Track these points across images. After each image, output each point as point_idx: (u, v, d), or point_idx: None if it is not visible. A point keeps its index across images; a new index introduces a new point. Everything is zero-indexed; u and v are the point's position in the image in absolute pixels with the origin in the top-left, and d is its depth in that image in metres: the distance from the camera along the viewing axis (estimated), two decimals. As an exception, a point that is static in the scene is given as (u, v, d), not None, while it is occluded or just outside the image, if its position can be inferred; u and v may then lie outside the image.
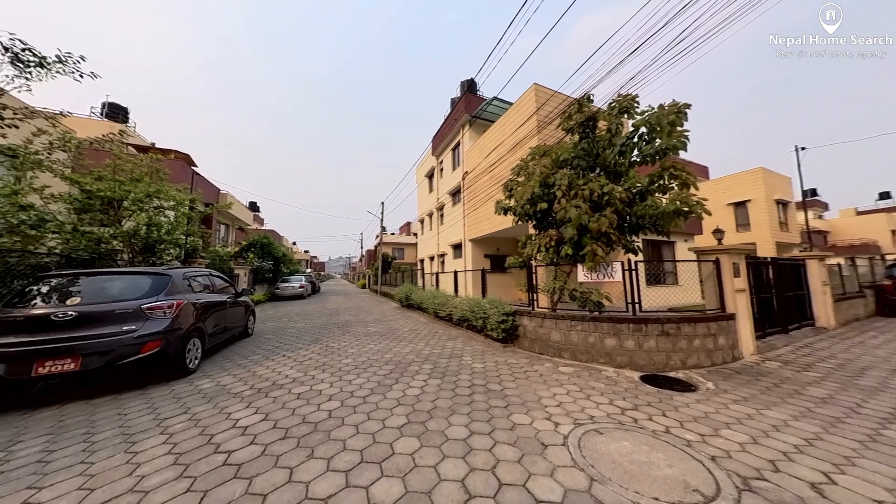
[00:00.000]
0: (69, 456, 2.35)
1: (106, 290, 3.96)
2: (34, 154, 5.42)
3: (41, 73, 4.89)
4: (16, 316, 3.37)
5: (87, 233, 5.86)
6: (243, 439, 2.53)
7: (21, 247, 4.85)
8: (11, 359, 3.15)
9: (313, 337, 6.82)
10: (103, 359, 3.45)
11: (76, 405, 3.31)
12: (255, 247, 17.55)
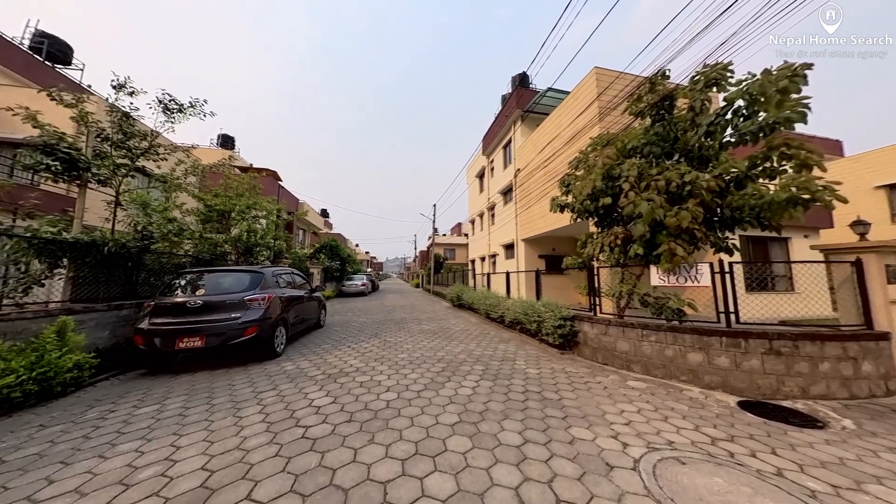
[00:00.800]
0: (197, 413, 3.01)
1: (220, 284, 4.96)
2: (176, 179, 7.09)
3: (180, 116, 6.37)
4: (166, 302, 4.46)
5: (208, 238, 7.42)
6: (317, 417, 2.89)
7: (168, 250, 6.38)
8: (164, 335, 4.18)
9: (373, 331, 7.40)
10: (219, 339, 4.33)
11: (202, 374, 4.22)
12: (326, 249, 19.85)
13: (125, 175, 5.94)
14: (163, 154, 6.44)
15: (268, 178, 14.95)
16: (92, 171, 5.33)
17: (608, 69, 8.10)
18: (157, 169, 6.72)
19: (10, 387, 2.97)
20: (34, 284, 4.05)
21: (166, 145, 6.72)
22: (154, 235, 5.68)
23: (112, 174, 5.66)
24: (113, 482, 2.01)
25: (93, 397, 3.49)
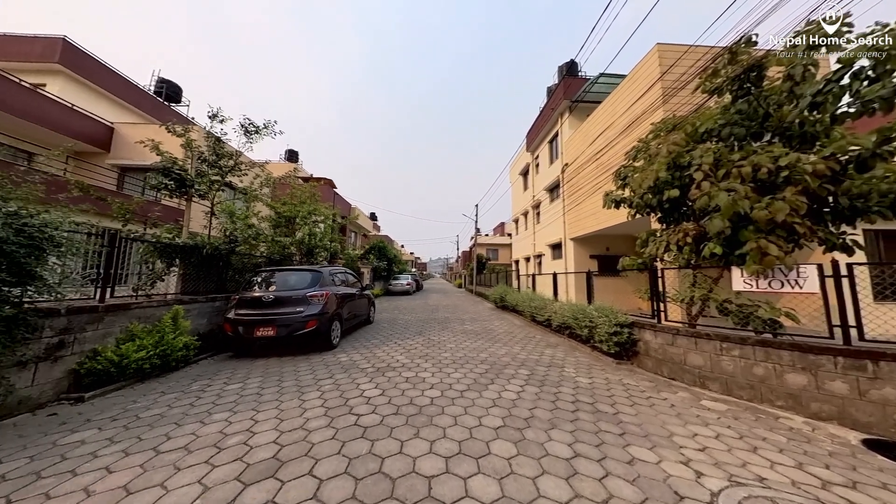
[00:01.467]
0: (270, 394, 3.46)
1: (288, 281, 5.63)
2: (254, 191, 8.27)
3: (257, 136, 7.42)
4: (247, 296, 5.22)
5: (278, 241, 8.48)
6: (367, 407, 3.09)
7: (248, 251, 7.47)
8: (245, 324, 4.90)
9: (418, 329, 7.65)
10: (287, 329, 4.91)
11: (274, 360, 4.84)
12: (375, 250, 21.16)
13: (217, 189, 7.13)
14: (244, 170, 7.56)
15: (325, 186, 16.51)
16: (195, 187, 6.52)
17: (673, 44, 7.16)
18: (240, 183, 7.92)
19: (143, 360, 3.78)
20: (158, 279, 5.10)
21: (247, 162, 7.87)
22: (238, 239, 6.69)
23: (208, 189, 6.84)
24: (209, 444, 2.42)
25: (196, 373, 4.26)
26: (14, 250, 2.60)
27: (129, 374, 3.68)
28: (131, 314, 4.16)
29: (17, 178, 3.17)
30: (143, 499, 1.82)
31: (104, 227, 4.34)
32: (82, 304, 3.69)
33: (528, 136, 16.30)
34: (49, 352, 3.25)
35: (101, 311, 3.79)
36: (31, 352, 3.08)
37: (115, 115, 11.93)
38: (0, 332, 2.60)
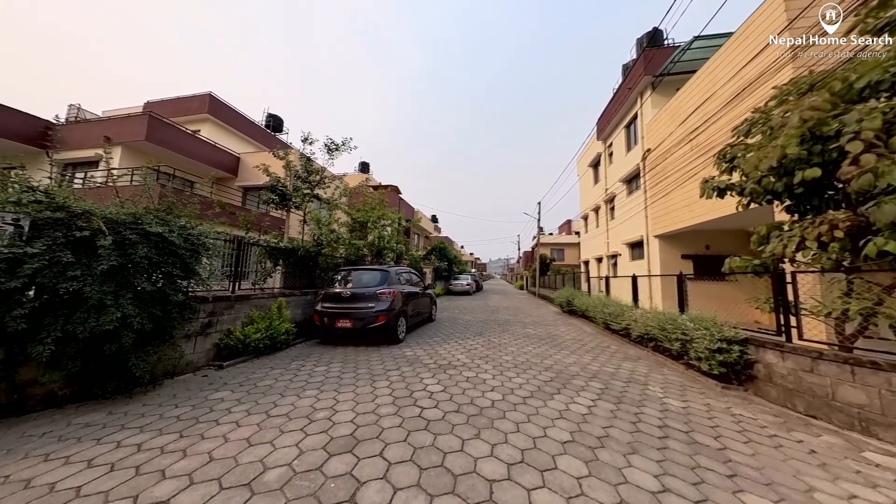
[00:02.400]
0: (348, 378, 3.92)
1: (361, 279, 6.30)
2: (335, 201, 9.52)
3: (337, 153, 8.54)
4: (330, 292, 6.04)
5: (354, 244, 9.58)
6: (430, 402, 3.23)
7: (331, 253, 8.63)
8: (329, 316, 5.67)
9: (478, 330, 7.65)
10: (361, 322, 5.50)
11: (350, 349, 5.48)
12: (436, 251, 22.00)
13: (308, 201, 8.45)
14: (327, 183, 8.78)
15: (391, 193, 17.91)
16: (292, 200, 7.86)
17: (809, -21, 5.49)
18: (324, 194, 9.22)
19: (259, 340, 4.74)
20: (268, 276, 6.32)
21: (329, 176, 9.12)
22: (323, 243, 7.80)
23: (302, 201, 8.16)
24: (303, 415, 2.88)
25: (294, 354, 5.12)
26: (183, 253, 3.57)
27: (249, 351, 4.66)
28: (251, 303, 5.26)
29: (185, 201, 4.37)
30: (258, 451, 2.28)
31: (234, 235, 5.60)
32: (221, 294, 4.82)
33: (599, 123, 14.68)
34: (203, 329, 4.35)
35: (233, 300, 4.89)
36: (193, 328, 4.17)
37: (240, 147, 15.27)
38: (176, 312, 3.59)
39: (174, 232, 3.49)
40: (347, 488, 1.90)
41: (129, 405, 3.00)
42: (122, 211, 3.26)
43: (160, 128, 10.88)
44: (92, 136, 10.63)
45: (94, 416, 2.75)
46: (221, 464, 2.12)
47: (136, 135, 10.38)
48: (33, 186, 3.01)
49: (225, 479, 1.97)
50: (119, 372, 3.10)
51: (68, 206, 2.94)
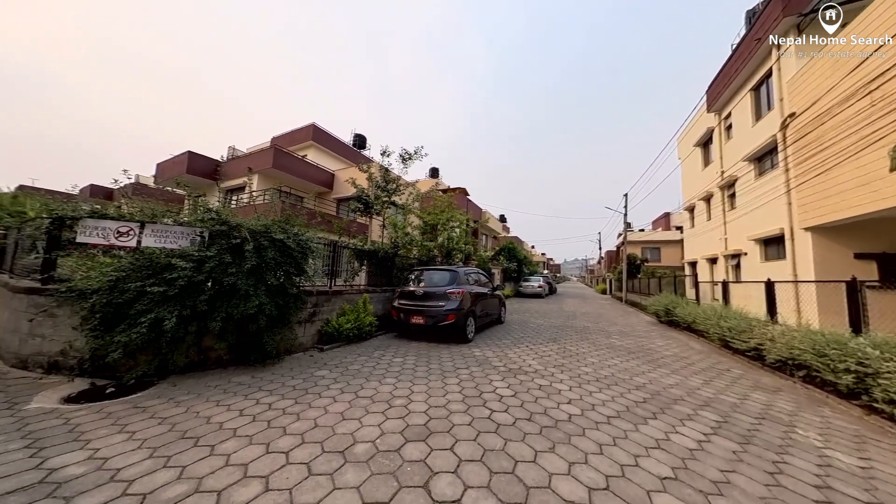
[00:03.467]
0: (422, 371, 4.18)
1: (432, 278, 6.64)
2: (409, 206, 10.31)
3: (410, 162, 9.25)
4: (405, 290, 6.56)
5: (425, 245, 10.18)
6: (500, 405, 3.16)
7: (405, 254, 9.39)
8: (404, 312, 6.16)
9: (551, 335, 7.13)
10: (433, 320, 5.80)
11: (423, 345, 5.82)
12: (504, 251, 21.49)
13: (386, 207, 9.39)
14: (402, 190, 9.57)
15: (459, 195, 18.33)
16: (374, 207, 8.86)
17: None
18: (399, 200, 10.09)
19: (349, 330, 5.50)
20: (355, 275, 7.28)
21: (403, 184, 9.94)
22: (399, 245, 8.54)
23: (382, 208, 9.12)
24: (384, 400, 3.20)
25: (376, 344, 5.75)
26: (296, 255, 4.43)
27: (342, 338, 5.45)
28: (343, 297, 6.15)
29: (296, 213, 5.45)
30: (349, 425, 2.64)
31: (330, 240, 6.67)
32: (322, 289, 5.79)
33: (710, 92, 11.87)
34: (309, 317, 5.30)
35: (330, 294, 5.81)
36: (302, 316, 5.13)
37: (335, 165, 18.05)
38: (292, 303, 4.49)
39: (290, 238, 4.37)
40: (422, 475, 2.02)
41: (263, 372, 3.88)
42: (258, 223, 4.25)
43: (281, 156, 13.79)
44: (241, 168, 14.23)
45: (243, 378, 3.67)
46: (323, 430, 2.54)
47: (266, 164, 13.42)
48: (211, 208, 4.22)
49: (326, 443, 2.35)
50: (257, 347, 4.06)
51: (228, 222, 4.00)
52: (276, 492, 1.82)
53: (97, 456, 2.07)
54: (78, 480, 1.84)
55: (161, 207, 4.21)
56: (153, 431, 2.40)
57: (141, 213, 4.00)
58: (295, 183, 14.71)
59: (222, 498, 1.75)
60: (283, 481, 1.91)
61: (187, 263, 3.46)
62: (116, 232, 3.71)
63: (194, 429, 2.47)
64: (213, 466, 2.02)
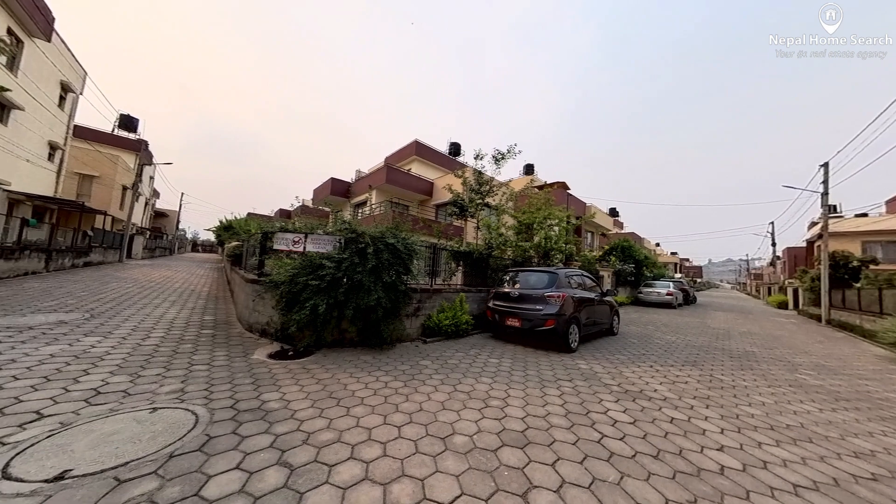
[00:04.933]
0: (518, 376, 4.04)
1: (528, 280, 6.33)
2: (502, 206, 10.21)
3: (503, 161, 9.15)
4: (500, 291, 6.51)
5: (520, 246, 9.83)
6: (613, 430, 2.70)
7: (499, 255, 9.32)
8: (499, 313, 6.11)
9: (688, 357, 5.60)
10: (529, 324, 5.53)
11: (520, 348, 5.62)
12: (617, 250, 18.33)
13: (480, 209, 9.59)
14: (495, 191, 9.57)
15: (558, 190, 16.84)
16: (468, 210, 9.21)
17: None
18: (493, 201, 10.12)
19: (447, 326, 5.89)
20: (452, 275, 7.75)
21: (496, 184, 9.92)
22: (493, 246, 8.56)
23: (476, 210, 9.38)
24: (480, 398, 3.26)
25: (472, 342, 5.94)
26: (405, 257, 5.09)
27: (441, 333, 5.89)
28: (442, 296, 6.64)
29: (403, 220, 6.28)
30: (448, 415, 2.82)
31: (430, 242, 7.34)
32: (424, 287, 6.43)
33: None
34: (414, 311, 5.98)
35: (431, 292, 6.39)
36: (409, 310, 5.83)
37: (434, 174, 19.78)
38: (402, 298, 5.18)
39: (399, 242, 5.05)
40: (519, 483, 1.95)
41: (380, 356, 4.63)
42: (375, 230, 5.12)
43: (391, 173, 16.18)
44: (364, 186, 17.48)
45: (367, 357, 4.47)
46: (426, 415, 2.80)
47: (381, 180, 16.01)
48: (345, 220, 5.36)
49: (429, 427, 2.58)
50: (376, 333, 4.87)
51: (356, 230, 4.98)
52: (391, 459, 2.13)
53: (284, 398, 2.95)
54: (275, 412, 2.67)
55: (315, 222, 5.66)
56: (313, 388, 3.24)
57: (305, 227, 5.50)
58: (402, 194, 16.96)
59: (355, 450, 2.19)
60: (397, 451, 2.22)
61: (331, 264, 4.51)
62: (293, 241, 5.22)
63: (336, 392, 3.18)
64: (348, 424, 2.55)
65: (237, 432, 2.30)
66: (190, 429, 2.29)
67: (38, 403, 2.48)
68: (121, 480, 1.73)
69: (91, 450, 1.96)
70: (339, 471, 1.96)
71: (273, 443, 2.20)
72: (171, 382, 3.07)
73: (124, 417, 2.38)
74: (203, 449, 2.07)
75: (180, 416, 2.45)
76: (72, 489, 1.65)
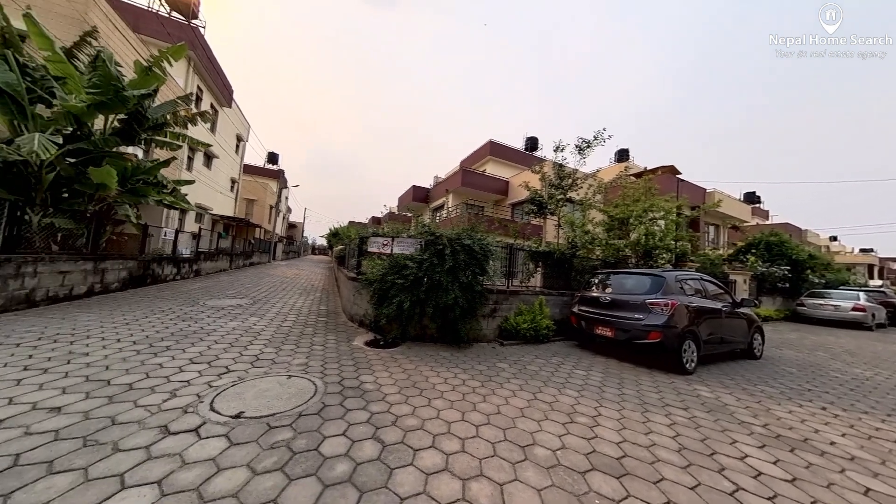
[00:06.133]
0: (611, 394, 3.52)
1: (624, 284, 5.45)
2: (588, 200, 9.13)
3: (588, 150, 8.18)
4: (587, 295, 5.83)
5: (612, 244, 8.57)
6: (756, 484, 2.05)
7: (586, 255, 8.34)
8: (587, 320, 5.47)
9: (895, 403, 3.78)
10: (625, 335, 4.75)
11: (614, 362, 4.89)
12: (758, 247, 13.98)
13: (562, 206, 8.81)
14: (580, 184, 8.63)
15: (664, 176, 14.01)
16: (547, 208, 8.59)
17: None
18: (577, 196, 9.14)
19: (526, 330, 5.62)
20: (531, 276, 7.36)
21: (581, 177, 8.92)
22: (577, 245, 7.74)
23: (556, 207, 8.67)
24: (564, 412, 2.98)
25: (553, 350, 5.50)
26: (480, 257, 5.13)
27: (519, 337, 5.66)
28: (519, 298, 6.39)
29: (478, 221, 6.33)
30: (528, 424, 2.68)
31: (506, 242, 7.16)
32: (500, 288, 6.32)
33: None
34: (490, 312, 5.94)
35: (507, 294, 6.23)
36: (485, 311, 5.82)
37: (509, 172, 19.28)
38: (478, 298, 5.22)
39: (475, 243, 5.11)
40: (615, 518, 1.69)
41: (458, 353, 4.77)
42: (452, 232, 5.32)
43: (466, 175, 16.54)
44: (441, 191, 18.43)
45: (445, 353, 4.68)
46: (504, 419, 2.73)
47: (457, 184, 16.55)
48: (425, 224, 5.77)
49: (507, 432, 2.51)
50: (454, 331, 5.05)
51: (435, 233, 5.29)
52: (470, 456, 2.16)
53: (377, 381, 3.36)
54: (370, 392, 3.07)
55: (400, 226, 6.28)
56: (399, 376, 3.59)
57: (392, 231, 6.17)
58: (477, 195, 17.13)
59: (436, 440, 2.32)
60: (475, 449, 2.24)
61: (413, 264, 4.92)
62: (382, 244, 5.93)
63: (419, 382, 3.44)
64: (430, 415, 2.72)
65: (343, 405, 2.75)
66: (311, 395, 2.87)
67: (226, 361, 3.55)
68: (270, 426, 2.30)
69: (254, 400, 2.68)
70: (423, 456, 2.11)
71: (369, 419, 2.54)
72: (299, 357, 3.91)
73: (272, 380, 3.16)
74: (320, 413, 2.56)
75: (305, 385, 3.09)
76: (244, 426, 2.29)
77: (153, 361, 3.31)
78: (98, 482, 1.64)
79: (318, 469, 1.89)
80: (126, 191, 6.85)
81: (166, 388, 2.76)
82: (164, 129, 7.52)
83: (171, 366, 3.25)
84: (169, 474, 1.74)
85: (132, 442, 1.98)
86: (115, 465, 1.77)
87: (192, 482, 1.69)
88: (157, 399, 2.55)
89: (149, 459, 1.84)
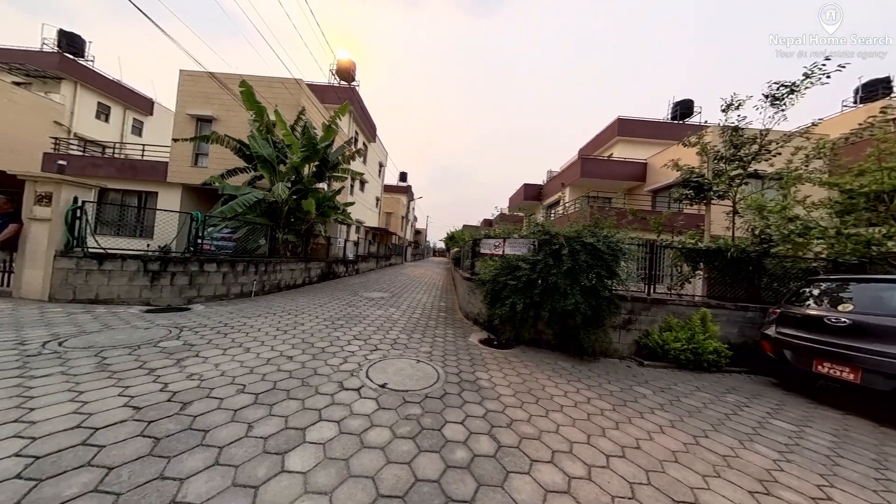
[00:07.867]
0: (854, 470, 2.21)
1: (884, 299, 3.34)
2: (794, 171, 6.15)
3: (792, 97, 5.51)
4: (795, 313, 3.93)
5: (852, 235, 5.42)
6: None
7: (791, 253, 5.62)
8: (795, 349, 3.69)
9: None
10: (888, 382, 2.90)
11: (861, 421, 3.08)
12: None
13: (739, 184, 6.33)
14: (774, 150, 5.95)
15: None
16: (712, 190, 6.36)
17: None
18: (770, 167, 6.32)
19: (679, 350, 4.35)
20: (685, 281, 5.65)
21: (777, 139, 6.13)
22: (773, 238, 5.34)
23: (728, 187, 6.31)
24: (752, 474, 2.10)
25: (729, 384, 4.00)
26: (607, 258, 4.37)
27: (668, 358, 4.43)
28: (667, 308, 5.02)
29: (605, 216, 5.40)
30: (684, 475, 2.05)
31: (646, 239, 5.77)
32: (637, 295, 5.16)
33: None
34: (623, 324, 4.94)
35: (648, 302, 5.01)
36: (616, 321, 4.90)
37: (648, 152, 15.58)
38: (605, 305, 4.47)
39: (600, 241, 4.41)
40: None
41: (581, 366, 4.22)
42: (570, 230, 4.78)
43: (587, 164, 14.51)
44: (556, 186, 16.93)
45: (565, 364, 4.24)
46: (647, 458, 2.20)
47: (574, 176, 14.78)
48: (538, 223, 5.46)
49: (652, 476, 2.02)
50: (575, 341, 4.50)
51: (549, 232, 4.91)
52: (599, 489, 1.87)
53: (491, 380, 3.43)
54: (485, 389, 3.16)
55: (511, 227, 6.19)
56: (514, 378, 3.52)
57: (503, 233, 6.17)
58: (601, 185, 14.72)
59: (556, 457, 2.13)
60: (606, 483, 1.92)
61: (526, 265, 4.73)
62: (493, 245, 6.03)
63: (535, 389, 3.27)
64: (548, 427, 2.53)
65: (461, 395, 2.96)
66: (435, 381, 3.24)
67: (375, 341, 4.51)
68: (405, 400, 2.76)
69: (394, 375, 3.29)
70: (540, 469, 1.99)
71: (484, 415, 2.62)
72: (424, 346, 4.50)
73: (406, 362, 3.77)
74: (442, 399, 2.85)
75: (430, 371, 3.53)
76: (387, 395, 2.84)
77: (334, 335, 4.61)
78: (308, 412, 2.43)
79: (441, 448, 2.11)
80: (319, 214, 9.91)
81: (341, 354, 3.79)
82: (338, 166, 10.42)
83: (343, 339, 4.43)
84: (344, 418, 2.37)
85: (325, 389, 2.83)
86: (316, 403, 2.57)
87: (356, 428, 2.25)
88: (336, 361, 3.54)
89: (332, 404, 2.57)
